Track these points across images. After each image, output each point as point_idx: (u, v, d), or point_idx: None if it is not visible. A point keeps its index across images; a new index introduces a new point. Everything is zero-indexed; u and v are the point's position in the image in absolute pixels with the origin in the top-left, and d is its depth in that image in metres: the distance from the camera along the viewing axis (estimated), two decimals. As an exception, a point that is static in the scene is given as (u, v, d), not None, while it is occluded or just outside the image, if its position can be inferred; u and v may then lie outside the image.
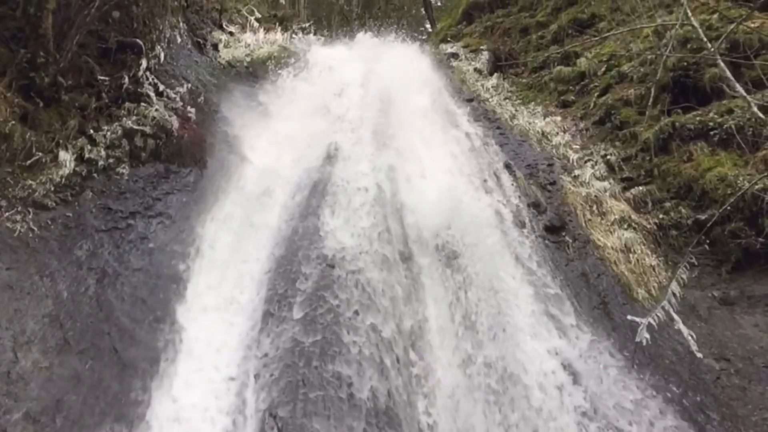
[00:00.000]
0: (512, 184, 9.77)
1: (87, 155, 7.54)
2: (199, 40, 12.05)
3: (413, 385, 6.34)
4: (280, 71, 12.96)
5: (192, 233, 7.73)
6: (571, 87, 12.78)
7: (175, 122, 8.73)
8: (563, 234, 8.79)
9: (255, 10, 16.65)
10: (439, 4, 33.67)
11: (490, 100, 13.82)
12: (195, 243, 7.62)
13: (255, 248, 7.81)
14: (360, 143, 9.87)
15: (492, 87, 14.58)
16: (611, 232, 8.71)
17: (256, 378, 6.03)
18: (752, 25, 8.96)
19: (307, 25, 17.94)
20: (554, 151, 10.90)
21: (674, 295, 7.14)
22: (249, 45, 14.05)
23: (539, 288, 7.67)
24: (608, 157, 10.10)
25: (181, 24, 11.26)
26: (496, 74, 15.23)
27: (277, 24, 16.70)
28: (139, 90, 8.75)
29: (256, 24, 15.62)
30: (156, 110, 8.62)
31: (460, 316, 7.17)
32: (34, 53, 7.24)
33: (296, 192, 8.75)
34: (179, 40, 10.91)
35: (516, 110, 13.00)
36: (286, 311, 6.64)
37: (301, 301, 6.73)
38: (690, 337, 6.90)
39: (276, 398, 5.75)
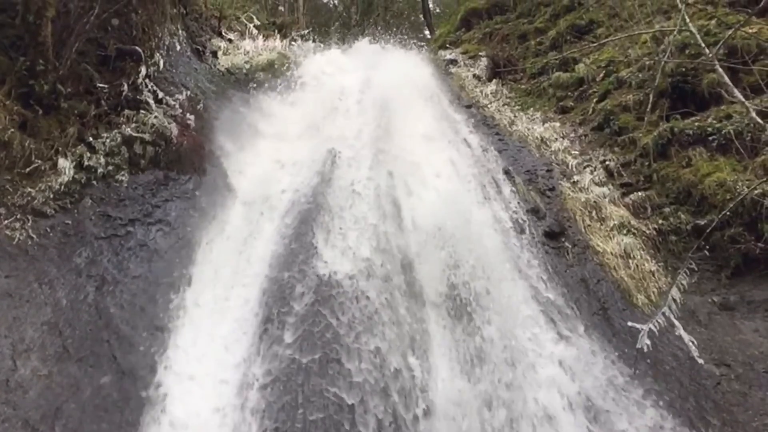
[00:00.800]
0: (512, 191, 9.77)
1: (86, 162, 7.55)
2: (198, 47, 12.07)
3: None
4: (279, 78, 12.98)
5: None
6: (569, 93, 12.79)
7: (174, 129, 8.74)
8: (563, 240, 8.78)
9: (254, 17, 16.70)
10: (437, 10, 33.76)
11: (489, 106, 13.82)
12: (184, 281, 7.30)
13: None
14: (358, 155, 9.84)
15: (491, 93, 14.60)
16: (610, 238, 8.70)
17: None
18: (750, 31, 8.98)
19: (306, 32, 17.97)
20: (553, 156, 10.91)
21: (674, 300, 7.14)
22: (248, 52, 14.07)
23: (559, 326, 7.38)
24: (607, 162, 10.10)
25: (180, 31, 11.29)
26: (494, 80, 15.24)
27: (276, 31, 16.73)
28: (138, 97, 8.77)
29: (255, 31, 15.64)
30: (155, 117, 8.63)
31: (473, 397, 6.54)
32: (34, 61, 7.26)
33: (290, 213, 8.57)
34: (178, 47, 10.93)
35: (515, 116, 13.01)
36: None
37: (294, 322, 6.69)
38: (691, 344, 6.91)
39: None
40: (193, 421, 5.83)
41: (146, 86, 9.01)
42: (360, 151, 9.97)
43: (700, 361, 6.79)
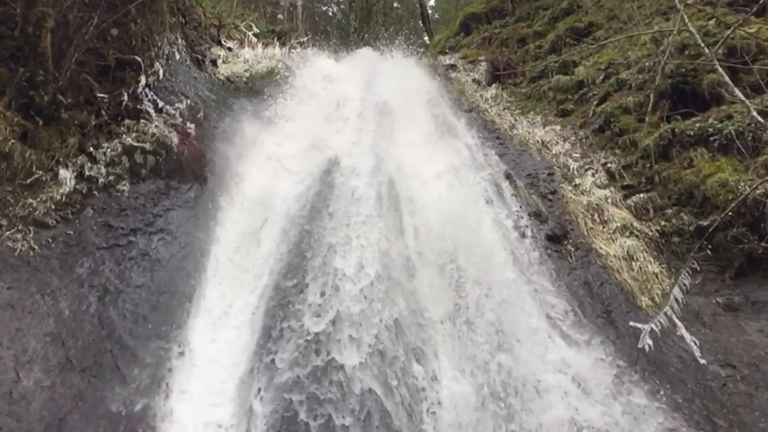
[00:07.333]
0: (513, 195, 9.74)
1: (87, 173, 7.53)
2: (197, 56, 12.09)
3: None
4: (279, 86, 12.99)
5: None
6: (569, 96, 12.81)
7: (174, 138, 8.73)
8: (565, 243, 8.76)
9: (253, 25, 16.77)
10: (436, 16, 33.91)
11: (490, 110, 13.85)
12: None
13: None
14: (359, 162, 9.81)
15: (491, 97, 14.63)
16: (613, 240, 8.69)
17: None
18: (749, 31, 8.98)
19: (305, 39, 18.01)
20: (554, 160, 10.91)
21: (677, 301, 7.11)
22: (248, 60, 14.11)
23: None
24: (608, 165, 10.10)
25: (179, 40, 11.30)
26: (494, 84, 15.30)
27: (276, 39, 16.78)
28: (138, 107, 8.76)
29: (254, 39, 15.70)
30: (155, 127, 8.62)
31: None
32: (33, 72, 7.26)
33: (291, 222, 8.52)
34: (178, 56, 10.94)
35: (515, 120, 13.03)
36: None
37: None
38: (693, 343, 6.88)
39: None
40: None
41: (146, 95, 9.00)
42: (361, 157, 9.95)
43: (703, 361, 6.75)
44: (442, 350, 6.91)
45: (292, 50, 16.07)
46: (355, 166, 9.59)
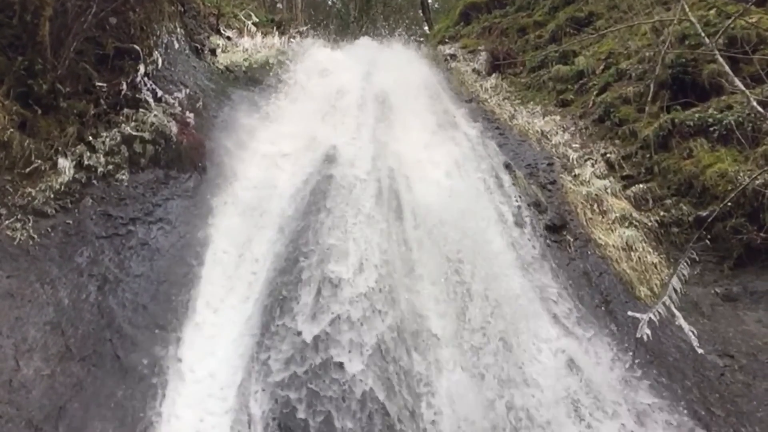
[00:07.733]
0: (513, 185, 9.72)
1: (86, 162, 7.53)
2: (196, 45, 12.04)
3: None
4: (277, 75, 12.94)
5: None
6: (569, 86, 12.77)
7: (173, 128, 8.71)
8: (564, 233, 8.77)
9: (252, 14, 16.68)
10: (436, 5, 33.74)
11: (489, 100, 13.82)
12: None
13: None
14: (358, 152, 9.75)
15: (491, 87, 14.59)
16: (612, 231, 8.69)
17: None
18: (750, 20, 8.95)
19: (304, 28, 17.93)
20: (554, 150, 10.89)
21: (675, 291, 7.10)
22: (247, 49, 14.05)
23: None
24: (608, 155, 10.08)
25: (178, 29, 11.26)
26: (494, 74, 15.24)
27: (275, 28, 16.71)
28: (137, 96, 8.74)
29: (253, 28, 15.63)
30: (155, 116, 8.60)
31: None
32: (32, 61, 7.25)
33: (289, 213, 8.40)
34: (177, 45, 10.90)
35: (515, 110, 13.00)
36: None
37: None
38: (691, 333, 6.89)
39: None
40: (198, 421, 5.81)
41: (145, 85, 8.98)
42: (360, 147, 9.90)
43: (700, 350, 6.77)
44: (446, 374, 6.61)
45: (292, 39, 16.00)
46: (354, 160, 9.47)
